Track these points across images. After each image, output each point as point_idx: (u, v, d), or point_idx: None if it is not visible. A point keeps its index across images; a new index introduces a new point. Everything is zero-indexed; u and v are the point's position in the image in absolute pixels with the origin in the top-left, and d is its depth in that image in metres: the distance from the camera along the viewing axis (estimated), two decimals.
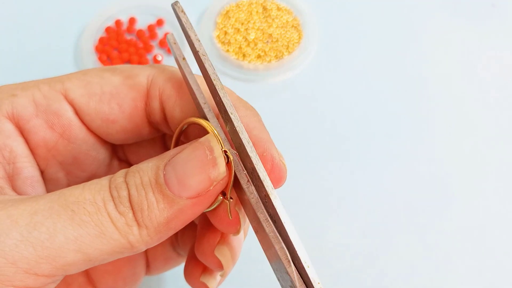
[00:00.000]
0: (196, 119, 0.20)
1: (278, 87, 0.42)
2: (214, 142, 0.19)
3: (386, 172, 0.38)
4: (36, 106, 0.21)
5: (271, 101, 0.41)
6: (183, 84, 0.22)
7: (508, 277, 0.35)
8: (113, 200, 0.17)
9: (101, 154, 0.24)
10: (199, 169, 0.18)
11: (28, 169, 0.21)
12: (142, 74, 0.22)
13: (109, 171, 0.25)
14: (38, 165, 0.22)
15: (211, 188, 0.18)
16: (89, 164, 0.23)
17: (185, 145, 0.19)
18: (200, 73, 0.21)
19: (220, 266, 0.22)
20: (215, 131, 0.20)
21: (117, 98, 0.21)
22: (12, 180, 0.21)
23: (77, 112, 0.22)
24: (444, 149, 0.39)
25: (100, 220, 0.17)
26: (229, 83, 0.42)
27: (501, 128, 0.40)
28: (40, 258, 0.16)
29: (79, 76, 0.22)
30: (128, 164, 0.26)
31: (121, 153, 0.26)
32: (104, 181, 0.18)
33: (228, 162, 0.19)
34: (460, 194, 0.37)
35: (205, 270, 0.24)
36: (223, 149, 0.19)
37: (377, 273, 0.35)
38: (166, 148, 0.26)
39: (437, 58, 0.43)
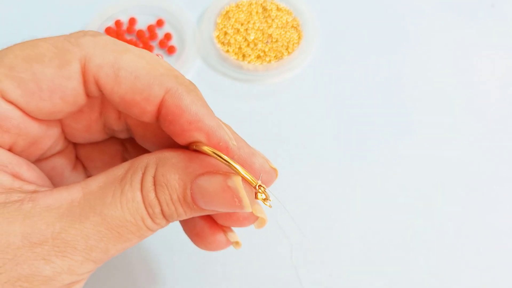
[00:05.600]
0: (219, 154, 0.20)
1: (278, 87, 0.42)
2: (243, 194, 0.20)
3: (387, 172, 0.38)
4: None
5: (271, 101, 0.41)
6: (120, 67, 0.21)
7: None
8: (150, 216, 0.21)
9: (55, 130, 0.24)
10: (226, 206, 0.21)
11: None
12: (74, 60, 0.21)
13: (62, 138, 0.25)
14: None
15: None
16: (46, 142, 0.24)
17: (210, 170, 0.21)
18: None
19: (255, 221, 0.24)
20: (248, 177, 0.20)
21: (58, 92, 0.21)
22: None
23: (20, 109, 0.21)
24: (445, 149, 0.39)
25: (141, 233, 0.21)
26: (229, 84, 0.42)
27: (502, 127, 0.40)
28: (97, 264, 0.21)
29: (6, 73, 0.20)
30: None
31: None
32: (137, 196, 0.20)
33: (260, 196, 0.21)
34: (461, 194, 0.38)
35: (226, 230, 0.25)
36: (257, 190, 0.21)
37: (376, 276, 0.35)
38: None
39: (437, 58, 0.43)
